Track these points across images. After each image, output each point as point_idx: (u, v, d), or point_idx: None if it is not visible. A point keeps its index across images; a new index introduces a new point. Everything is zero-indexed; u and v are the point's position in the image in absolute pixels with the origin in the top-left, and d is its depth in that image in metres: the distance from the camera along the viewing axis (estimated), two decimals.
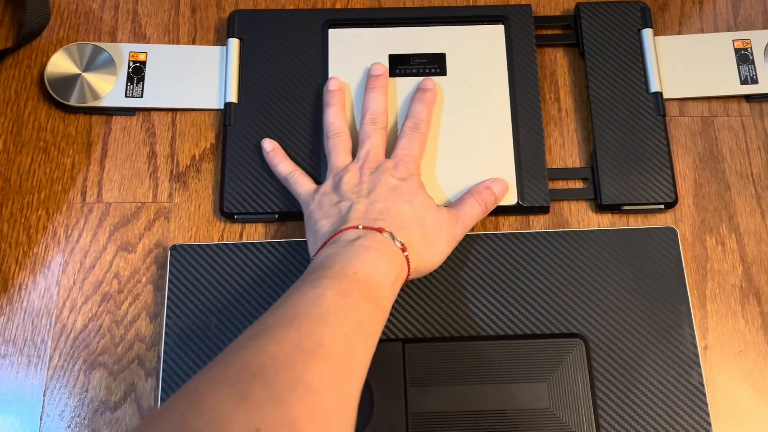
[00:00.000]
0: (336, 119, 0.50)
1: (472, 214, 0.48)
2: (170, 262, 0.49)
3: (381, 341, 0.46)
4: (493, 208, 0.49)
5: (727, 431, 0.46)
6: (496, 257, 0.49)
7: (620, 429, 0.45)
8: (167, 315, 0.48)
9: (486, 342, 0.46)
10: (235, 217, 0.50)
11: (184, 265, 0.49)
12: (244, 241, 0.50)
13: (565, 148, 0.53)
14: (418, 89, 0.51)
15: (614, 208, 0.51)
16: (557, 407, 0.45)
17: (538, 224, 0.51)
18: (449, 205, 0.49)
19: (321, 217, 0.46)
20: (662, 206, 0.50)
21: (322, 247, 0.43)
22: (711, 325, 0.49)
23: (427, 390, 0.45)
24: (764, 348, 0.48)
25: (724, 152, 0.53)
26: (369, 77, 0.52)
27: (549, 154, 0.53)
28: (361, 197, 0.45)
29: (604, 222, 0.51)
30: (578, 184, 0.52)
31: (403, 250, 0.43)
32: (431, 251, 0.45)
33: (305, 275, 0.41)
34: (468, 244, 0.49)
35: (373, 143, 0.49)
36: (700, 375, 0.46)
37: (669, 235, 0.49)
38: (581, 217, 0.52)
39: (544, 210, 0.50)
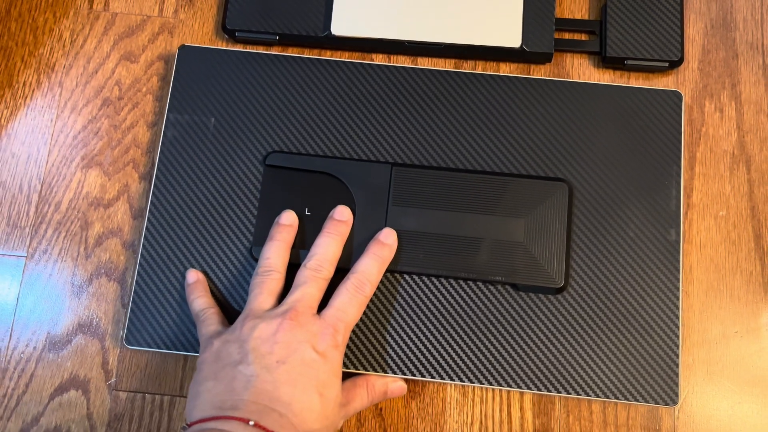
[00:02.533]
0: (274, 256, 0.44)
1: (359, 407, 0.44)
2: (177, 59, 0.49)
3: (370, 162, 0.47)
4: (378, 400, 0.45)
5: (695, 288, 0.47)
6: (494, 97, 0.49)
7: (589, 271, 0.46)
8: (169, 109, 0.49)
9: (473, 174, 0.47)
10: (237, 34, 0.51)
11: (190, 64, 0.49)
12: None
13: (576, 2, 0.52)
14: (375, 240, 0.45)
15: (618, 62, 0.50)
16: (531, 243, 0.46)
17: (539, 74, 0.51)
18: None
19: (210, 376, 0.39)
20: (666, 64, 0.50)
21: (197, 423, 0.37)
22: (696, 186, 0.49)
23: (407, 210, 0.46)
24: (746, 213, 0.49)
25: (738, 20, 0.52)
26: (329, 220, 0.45)
27: (559, 6, 0.52)
28: (266, 367, 0.38)
29: (606, 78, 0.51)
30: (584, 38, 0.52)
31: None
32: None
33: None
34: (467, 82, 0.49)
35: (307, 292, 0.42)
36: (678, 234, 0.46)
37: (673, 98, 0.49)
38: (582, 71, 0.51)
39: (546, 57, 0.50)
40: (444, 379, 0.45)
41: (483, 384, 0.44)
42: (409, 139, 0.48)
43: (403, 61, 0.52)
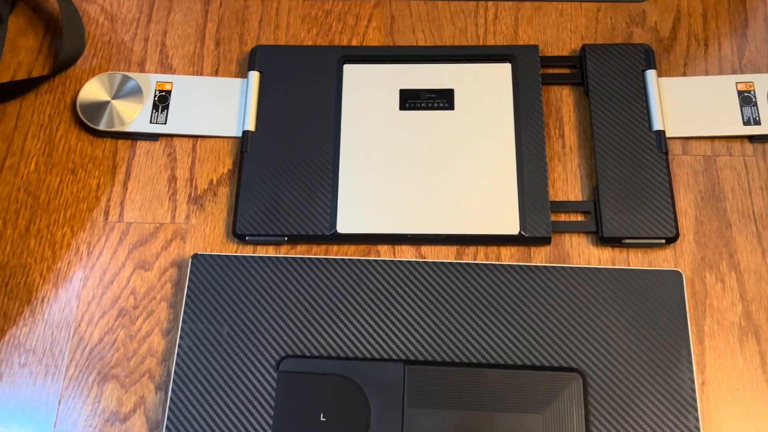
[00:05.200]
0: None
1: None
2: (190, 269, 0.51)
3: (383, 360, 0.48)
4: None
5: None
6: (499, 287, 0.50)
7: None
8: (183, 320, 0.50)
9: (486, 369, 0.47)
10: (247, 238, 0.53)
11: (203, 273, 0.51)
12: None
13: (568, 183, 0.55)
14: None
15: (615, 242, 0.52)
16: None
17: (540, 255, 0.53)
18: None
19: None
20: (663, 241, 0.51)
21: None
22: (709, 361, 0.49)
23: (424, 411, 0.46)
24: (762, 386, 0.48)
25: (726, 191, 0.54)
26: None
27: (552, 188, 0.55)
28: None
29: (605, 256, 0.53)
30: (580, 218, 0.54)
31: None
32: None
33: None
34: (471, 273, 0.50)
35: None
36: (697, 420, 0.46)
37: (674, 278, 0.50)
38: (582, 251, 0.53)
39: (545, 241, 0.52)
40: None
41: None
42: (419, 332, 0.49)
43: (407, 252, 0.53)
